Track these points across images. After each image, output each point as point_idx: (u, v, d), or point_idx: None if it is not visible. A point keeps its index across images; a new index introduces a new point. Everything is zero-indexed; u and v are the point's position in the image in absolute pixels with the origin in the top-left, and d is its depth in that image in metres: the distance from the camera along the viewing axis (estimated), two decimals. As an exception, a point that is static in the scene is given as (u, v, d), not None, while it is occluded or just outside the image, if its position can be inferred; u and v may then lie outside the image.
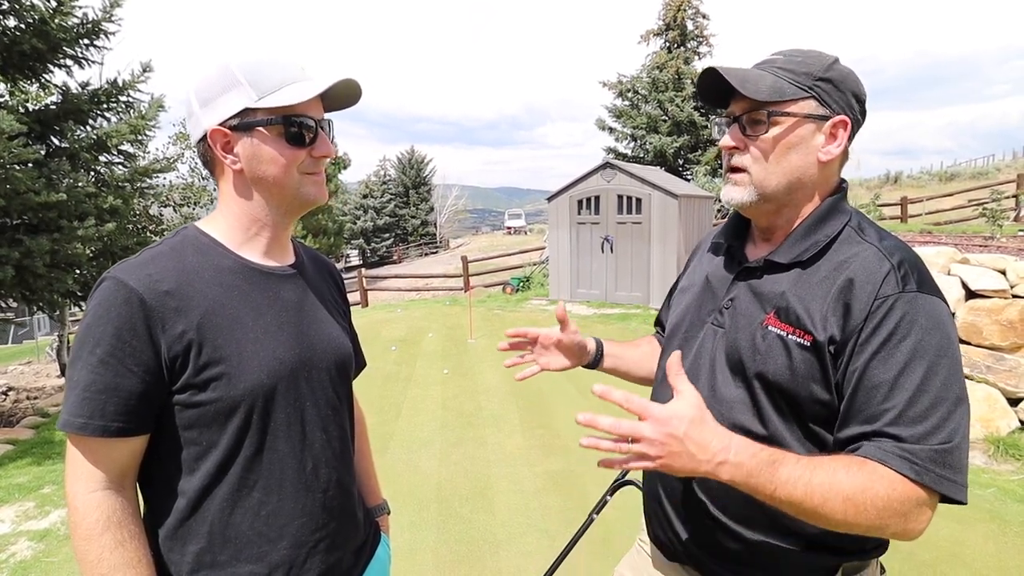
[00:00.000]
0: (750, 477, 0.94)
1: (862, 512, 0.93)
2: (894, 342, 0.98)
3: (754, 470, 0.94)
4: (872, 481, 0.93)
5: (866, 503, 0.93)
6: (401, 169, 47.21)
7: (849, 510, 0.93)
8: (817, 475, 0.94)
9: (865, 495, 0.93)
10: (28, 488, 4.53)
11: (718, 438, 0.94)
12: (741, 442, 0.95)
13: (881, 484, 0.93)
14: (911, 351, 0.97)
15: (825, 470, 0.95)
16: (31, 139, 6.62)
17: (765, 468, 0.94)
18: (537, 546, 3.44)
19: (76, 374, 0.98)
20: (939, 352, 0.98)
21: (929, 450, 0.94)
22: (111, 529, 0.99)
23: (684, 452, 0.93)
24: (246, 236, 1.14)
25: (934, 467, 0.94)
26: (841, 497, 0.93)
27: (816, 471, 0.94)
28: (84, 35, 7.28)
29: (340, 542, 1.19)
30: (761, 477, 0.94)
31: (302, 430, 1.13)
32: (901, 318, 0.99)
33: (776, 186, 1.13)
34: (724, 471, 0.94)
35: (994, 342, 4.87)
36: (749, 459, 0.94)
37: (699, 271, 1.35)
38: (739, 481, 0.94)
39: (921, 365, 0.97)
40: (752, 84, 1.11)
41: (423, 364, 7.88)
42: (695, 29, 25.48)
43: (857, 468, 0.95)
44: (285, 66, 1.10)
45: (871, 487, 0.93)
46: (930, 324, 0.99)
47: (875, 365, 0.99)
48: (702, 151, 24.15)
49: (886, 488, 0.93)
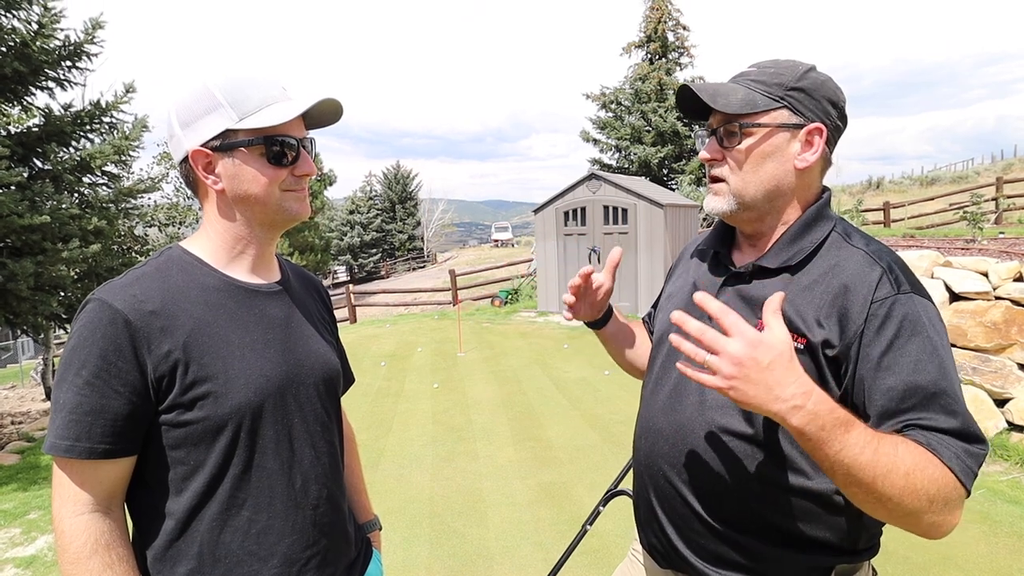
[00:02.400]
0: (822, 430, 0.90)
1: (917, 493, 0.92)
2: (901, 342, 1.00)
3: (828, 424, 0.90)
4: (928, 462, 0.93)
5: (924, 484, 0.92)
6: (387, 184, 47.22)
7: (908, 487, 0.91)
8: (884, 446, 0.92)
9: (923, 474, 0.92)
10: (14, 514, 4.46)
11: (800, 383, 0.91)
12: (822, 394, 0.92)
13: (935, 469, 0.93)
14: (919, 350, 1.00)
15: (890, 442, 0.93)
16: (13, 162, 6.57)
17: (839, 426, 0.91)
18: (531, 559, 3.42)
19: (62, 396, 0.98)
20: (945, 349, 1.01)
21: (967, 446, 0.96)
22: (99, 552, 0.98)
23: (761, 382, 0.89)
24: (231, 254, 1.14)
25: (967, 459, 0.95)
26: (902, 472, 0.91)
27: (883, 442, 0.93)
28: (66, 57, 7.27)
29: (331, 559, 1.19)
30: (833, 433, 0.91)
31: (291, 447, 1.12)
32: (904, 317, 1.01)
33: (754, 194, 1.15)
34: (798, 416, 0.90)
35: (979, 344, 4.93)
36: (827, 413, 0.91)
37: (686, 277, 1.36)
38: (809, 432, 0.90)
39: (932, 363, 0.99)
40: (723, 98, 1.14)
41: (413, 379, 7.85)
42: (676, 40, 25.76)
43: (914, 447, 0.95)
44: (265, 86, 1.11)
45: (928, 468, 0.93)
46: (929, 323, 1.02)
47: (889, 366, 1.00)
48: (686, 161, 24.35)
49: (940, 473, 0.93)
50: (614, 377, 7.15)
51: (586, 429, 5.58)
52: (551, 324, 11.19)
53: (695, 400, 1.18)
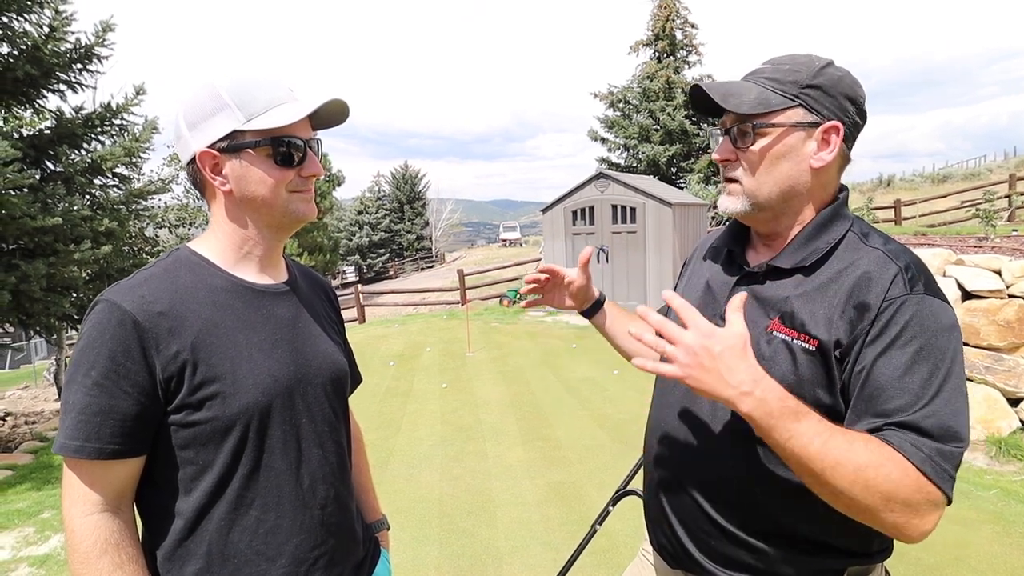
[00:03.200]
0: (770, 417, 0.93)
1: (870, 489, 0.91)
2: (903, 341, 0.98)
3: (776, 411, 0.93)
4: (887, 460, 0.93)
5: (877, 480, 0.91)
6: (395, 185, 47.32)
7: (858, 482, 0.91)
8: (836, 439, 0.93)
9: (878, 472, 0.91)
10: (28, 513, 4.50)
11: (751, 372, 0.94)
12: (772, 383, 0.96)
13: (895, 467, 0.92)
14: (918, 350, 0.97)
15: (845, 437, 0.94)
16: (26, 164, 6.64)
17: (788, 414, 0.94)
18: (540, 559, 3.42)
19: (71, 397, 0.98)
20: (947, 354, 0.98)
21: (942, 447, 0.94)
22: (109, 552, 0.98)
23: (714, 370, 0.94)
24: (238, 255, 1.15)
25: (940, 460, 0.93)
26: (853, 466, 0.91)
27: (836, 435, 0.94)
28: (77, 60, 7.33)
29: (339, 559, 1.19)
30: (781, 421, 0.93)
31: (298, 447, 1.12)
32: (910, 318, 0.99)
33: (768, 195, 1.13)
34: (746, 402, 0.94)
35: (992, 342, 4.88)
36: (775, 400, 0.94)
37: (699, 275, 1.34)
38: (758, 418, 0.94)
39: (928, 364, 0.97)
40: (735, 98, 1.11)
41: (421, 379, 7.87)
42: (684, 39, 25.69)
43: (876, 446, 0.94)
44: (272, 87, 1.11)
45: (885, 465, 0.92)
46: (938, 326, 0.99)
47: (883, 363, 0.98)
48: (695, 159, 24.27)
49: (900, 472, 0.92)
50: (623, 376, 7.13)
51: (595, 429, 5.57)
52: (559, 324, 11.18)
53: (707, 401, 1.17)
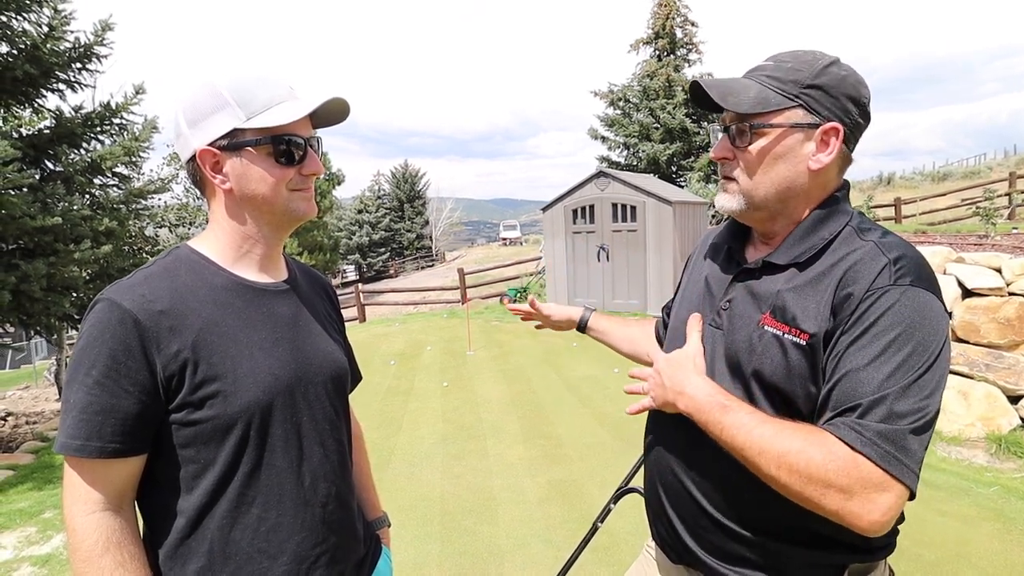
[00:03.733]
0: (700, 412, 1.07)
1: (794, 474, 0.94)
2: (875, 332, 0.97)
3: (704, 407, 1.07)
4: (811, 445, 0.94)
5: (798, 465, 0.93)
6: (395, 183, 47.29)
7: (782, 467, 0.95)
8: (763, 428, 0.99)
9: (799, 456, 0.93)
10: (29, 513, 4.50)
11: (685, 374, 1.13)
12: (701, 381, 1.11)
13: (818, 450, 0.93)
14: (891, 341, 0.95)
15: (771, 426, 0.99)
16: (25, 164, 6.63)
17: (716, 408, 1.05)
18: (542, 556, 3.42)
19: (72, 396, 0.98)
20: (920, 345, 0.95)
21: (883, 427, 0.92)
22: (111, 550, 0.98)
23: (660, 383, 1.17)
24: (238, 253, 1.15)
25: (881, 441, 0.91)
26: (776, 453, 0.96)
27: (765, 424, 1.00)
28: (76, 59, 7.32)
29: (341, 556, 1.19)
30: (711, 415, 1.05)
31: (299, 445, 1.12)
32: (887, 309, 0.97)
33: (765, 195, 1.12)
34: (680, 400, 1.12)
35: (992, 340, 4.88)
36: (704, 396, 1.08)
37: (698, 273, 1.35)
38: (693, 413, 1.09)
39: (898, 355, 0.95)
40: (734, 96, 1.10)
41: (422, 377, 7.87)
42: (684, 37, 25.63)
43: (805, 433, 0.96)
44: (273, 85, 1.11)
45: (807, 450, 0.94)
46: (917, 318, 0.97)
47: (853, 352, 0.98)
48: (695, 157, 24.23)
49: (823, 455, 0.92)
50: (623, 374, 7.11)
51: (596, 427, 5.58)
52: (560, 322, 11.14)
53: None
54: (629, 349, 1.69)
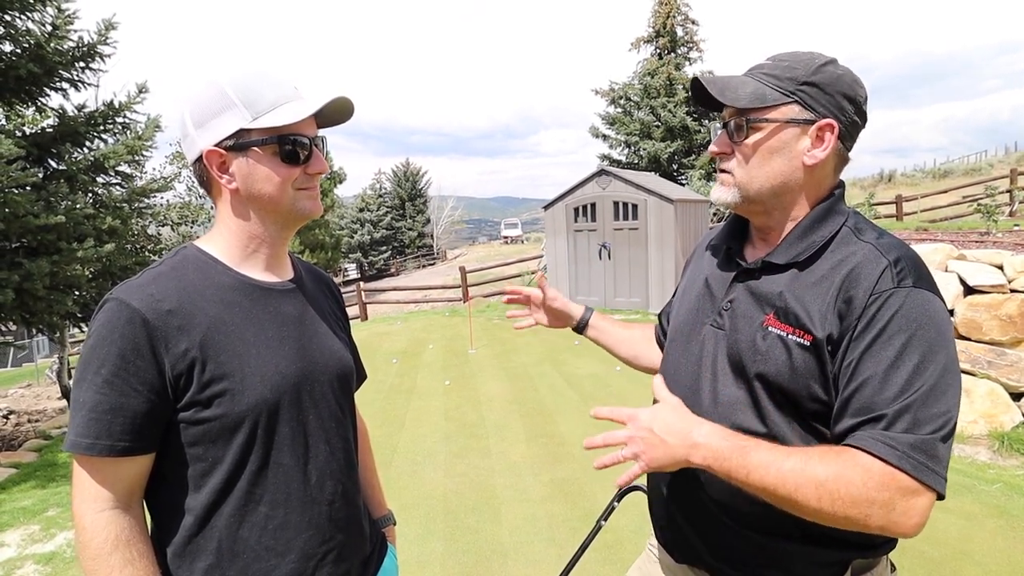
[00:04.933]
0: (722, 460, 0.98)
1: (837, 500, 0.93)
2: (887, 336, 0.98)
3: (725, 452, 0.98)
4: (847, 468, 0.94)
5: (839, 491, 0.93)
6: (397, 182, 47.30)
7: (824, 497, 0.93)
8: (789, 462, 0.96)
9: (838, 482, 0.93)
10: (33, 511, 4.52)
11: (687, 422, 1.03)
12: (712, 426, 1.02)
13: (855, 471, 0.93)
14: (903, 345, 0.97)
15: (798, 458, 0.96)
16: (29, 162, 6.65)
17: (736, 452, 0.98)
18: (545, 555, 3.43)
19: (82, 395, 0.99)
20: (932, 347, 0.98)
21: (913, 438, 0.94)
22: (120, 548, 0.99)
23: (659, 442, 1.02)
24: (245, 253, 1.15)
25: (914, 453, 0.93)
26: (814, 484, 0.94)
27: (789, 458, 0.96)
28: (80, 58, 7.33)
29: (347, 554, 1.20)
30: (733, 460, 0.98)
31: (306, 443, 1.13)
32: (895, 312, 0.99)
33: (759, 189, 1.14)
34: (697, 453, 1.00)
35: (994, 337, 4.88)
36: (719, 441, 0.99)
37: (698, 273, 1.35)
38: (712, 464, 0.99)
39: (912, 359, 0.97)
40: (732, 92, 1.13)
41: (424, 376, 7.88)
42: (685, 35, 25.61)
43: (834, 456, 0.96)
44: (279, 85, 1.11)
45: (844, 474, 0.93)
46: (924, 319, 0.99)
47: (867, 358, 0.99)
48: (696, 155, 24.22)
49: (861, 475, 0.93)
50: (625, 373, 7.13)
51: (598, 425, 5.58)
52: (562, 320, 11.15)
53: (708, 397, 1.18)
54: (628, 352, 1.67)
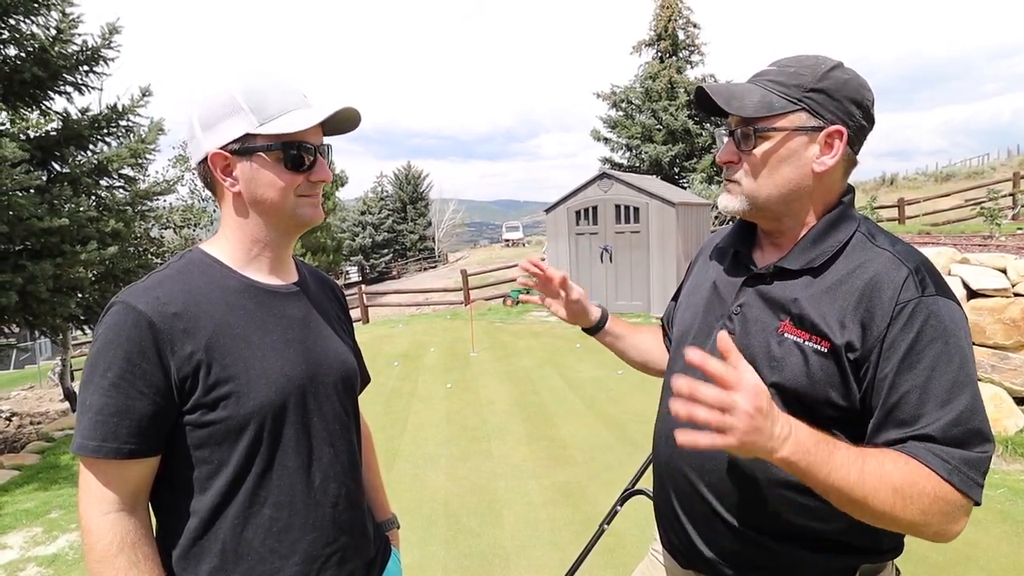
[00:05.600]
0: (809, 455, 0.91)
1: (909, 506, 0.93)
2: (920, 346, 0.99)
3: (813, 449, 0.92)
4: (920, 476, 0.94)
5: (914, 497, 0.93)
6: (398, 185, 47.38)
7: (897, 502, 0.93)
8: (868, 463, 0.94)
9: (914, 489, 0.93)
10: (35, 513, 4.52)
11: (783, 416, 0.93)
12: (797, 421, 0.94)
13: (928, 481, 0.94)
14: (937, 355, 0.98)
15: (875, 460, 0.95)
16: (33, 165, 6.66)
17: (823, 448, 0.93)
18: (547, 559, 3.42)
19: (88, 398, 0.99)
20: (963, 355, 1.00)
21: (967, 455, 0.96)
22: (125, 550, 0.99)
23: (765, 429, 0.88)
24: (248, 256, 1.16)
25: (966, 469, 0.95)
26: (891, 488, 0.93)
27: (867, 459, 0.95)
28: (84, 62, 7.36)
29: (351, 556, 1.20)
30: (819, 457, 0.92)
31: (310, 446, 1.13)
32: (924, 322, 0.99)
33: (767, 197, 1.13)
34: (786, 447, 0.90)
35: (998, 341, 4.87)
36: (808, 437, 0.92)
37: (705, 276, 1.34)
38: (798, 460, 0.91)
39: (949, 369, 0.98)
40: (738, 101, 1.11)
41: (426, 379, 7.87)
42: (686, 39, 25.63)
43: (904, 462, 0.96)
44: (287, 92, 1.12)
45: (919, 482, 0.94)
46: (953, 327, 1.00)
47: (904, 370, 0.99)
48: (697, 159, 24.22)
49: (932, 487, 0.94)
50: (627, 376, 7.13)
51: (600, 428, 5.57)
52: (563, 324, 11.11)
53: None
54: (639, 358, 1.63)
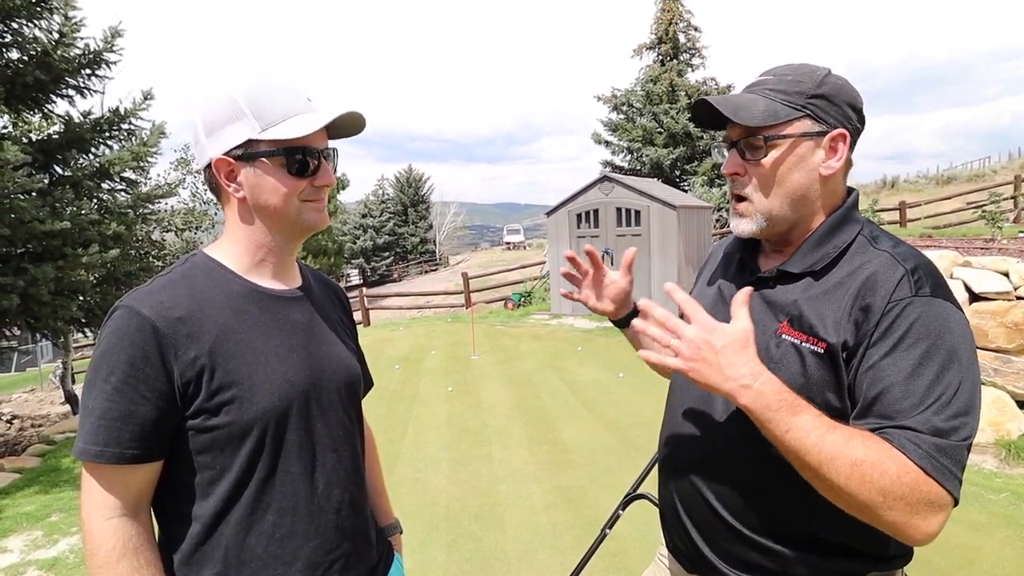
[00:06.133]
0: (767, 409, 0.96)
1: (866, 483, 0.92)
2: (906, 344, 0.99)
3: (773, 404, 0.96)
4: (885, 457, 0.93)
5: (872, 475, 0.92)
6: (399, 188, 47.41)
7: (853, 476, 0.92)
8: (833, 433, 0.95)
9: (874, 468, 0.92)
10: (36, 517, 4.51)
11: (750, 366, 0.98)
12: (771, 377, 0.99)
13: (893, 463, 0.93)
14: (923, 353, 0.98)
15: (841, 432, 0.96)
16: (35, 168, 6.67)
17: (785, 407, 0.96)
18: (548, 563, 3.41)
19: (91, 402, 0.99)
20: (952, 355, 0.98)
21: (941, 442, 0.94)
22: (128, 556, 0.99)
23: (715, 363, 0.98)
24: (253, 261, 1.15)
25: (939, 455, 0.93)
26: (849, 461, 0.93)
27: (834, 430, 0.95)
28: (86, 65, 7.37)
29: (354, 563, 1.19)
30: (779, 414, 0.96)
31: (313, 451, 1.13)
32: (915, 320, 0.99)
33: (781, 208, 1.14)
34: (745, 395, 0.97)
35: (1000, 344, 4.86)
36: (773, 394, 0.97)
37: (711, 282, 1.35)
38: (756, 411, 0.97)
39: (934, 366, 0.97)
40: (745, 111, 1.12)
41: (427, 382, 7.87)
42: (687, 42, 25.64)
43: (874, 442, 0.95)
44: (290, 97, 1.11)
45: (882, 462, 0.93)
46: (944, 327, 0.99)
47: (887, 365, 0.99)
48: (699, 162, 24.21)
49: (897, 468, 0.92)
50: (628, 380, 7.12)
51: (602, 432, 5.57)
52: (564, 327, 11.17)
53: (721, 406, 1.18)
54: None
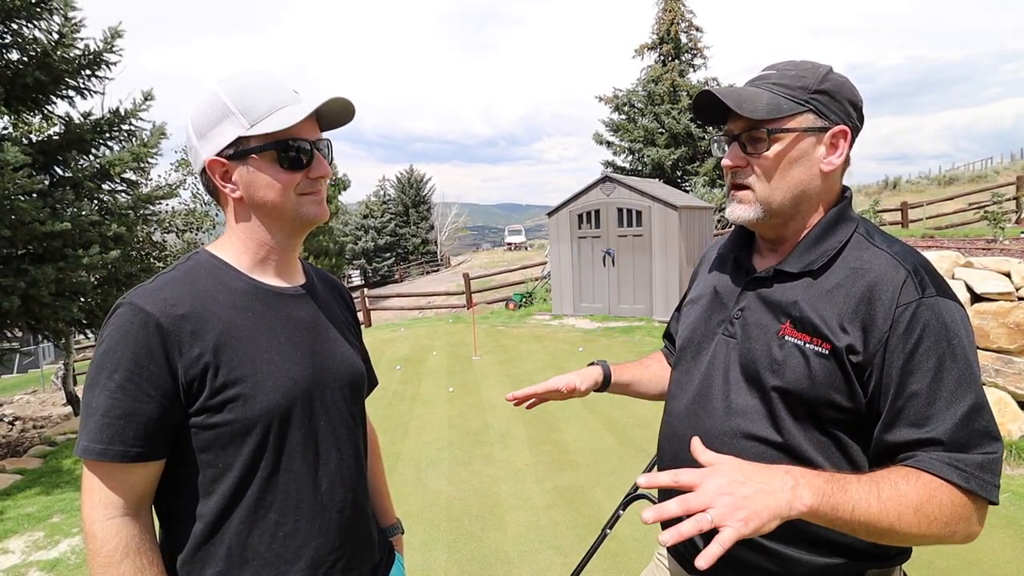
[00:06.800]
0: (827, 496, 0.89)
1: (932, 523, 0.93)
2: (924, 348, 1.00)
3: (829, 490, 0.89)
4: (935, 490, 0.94)
5: (934, 513, 0.93)
6: (400, 188, 47.46)
7: (922, 522, 0.93)
8: (885, 489, 0.93)
9: (932, 504, 0.93)
10: (37, 518, 4.51)
11: (773, 469, 0.89)
12: (798, 467, 0.93)
13: (943, 494, 0.94)
14: (941, 356, 0.99)
15: (887, 483, 0.94)
16: (35, 170, 6.67)
17: (838, 488, 0.90)
18: (550, 563, 3.41)
19: (94, 400, 0.98)
20: (965, 355, 1.00)
21: (979, 458, 0.96)
22: (130, 556, 0.99)
23: (757, 492, 0.85)
24: (255, 259, 1.15)
25: (982, 473, 0.96)
26: (912, 509, 0.93)
27: (880, 485, 0.94)
28: (86, 66, 7.37)
29: (356, 562, 1.19)
30: (837, 497, 0.89)
31: (316, 450, 1.13)
32: (927, 323, 1.00)
33: (781, 201, 1.14)
34: (805, 495, 0.87)
35: (1002, 345, 4.85)
36: (815, 477, 0.90)
37: (706, 282, 1.35)
38: (820, 504, 0.88)
39: (954, 369, 0.99)
40: (749, 104, 1.12)
41: (428, 382, 7.87)
42: (689, 42, 25.67)
43: (916, 478, 0.95)
44: (276, 90, 1.10)
45: (936, 495, 0.94)
46: (955, 327, 1.01)
47: (909, 372, 1.00)
48: (700, 162, 24.23)
49: (950, 498, 0.94)
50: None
51: (603, 432, 5.56)
52: (565, 327, 11.17)
53: (720, 405, 1.17)
54: (657, 389, 1.58)
